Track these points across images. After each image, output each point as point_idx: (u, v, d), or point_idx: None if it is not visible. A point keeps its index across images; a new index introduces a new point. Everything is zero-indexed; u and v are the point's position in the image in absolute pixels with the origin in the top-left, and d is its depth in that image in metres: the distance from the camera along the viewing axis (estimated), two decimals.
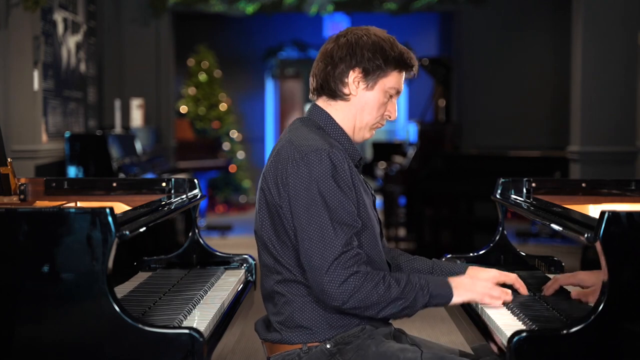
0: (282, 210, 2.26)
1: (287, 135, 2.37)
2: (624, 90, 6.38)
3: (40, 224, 2.08)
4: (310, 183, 2.21)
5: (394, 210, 8.26)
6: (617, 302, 2.01)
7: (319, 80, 2.41)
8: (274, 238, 2.31)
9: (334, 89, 2.38)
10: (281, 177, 2.26)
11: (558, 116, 9.65)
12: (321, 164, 2.22)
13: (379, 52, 2.36)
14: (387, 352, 2.26)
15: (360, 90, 2.38)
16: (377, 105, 2.39)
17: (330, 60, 2.38)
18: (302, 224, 2.21)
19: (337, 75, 2.37)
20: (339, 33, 2.44)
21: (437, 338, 4.83)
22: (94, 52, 7.70)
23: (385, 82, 2.38)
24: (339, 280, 2.17)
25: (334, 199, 2.21)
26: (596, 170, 6.33)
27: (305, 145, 2.27)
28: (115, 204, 2.48)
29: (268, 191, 2.30)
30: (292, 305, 2.31)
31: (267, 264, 2.36)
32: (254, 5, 9.44)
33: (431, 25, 12.32)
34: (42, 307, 2.07)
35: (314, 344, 2.30)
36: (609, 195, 3.01)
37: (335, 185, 2.22)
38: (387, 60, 2.36)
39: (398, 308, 2.22)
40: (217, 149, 10.45)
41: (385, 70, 2.37)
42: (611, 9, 6.37)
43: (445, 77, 8.92)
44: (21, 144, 5.70)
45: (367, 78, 2.37)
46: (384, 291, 2.19)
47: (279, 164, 2.28)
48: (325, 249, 2.18)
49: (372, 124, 2.41)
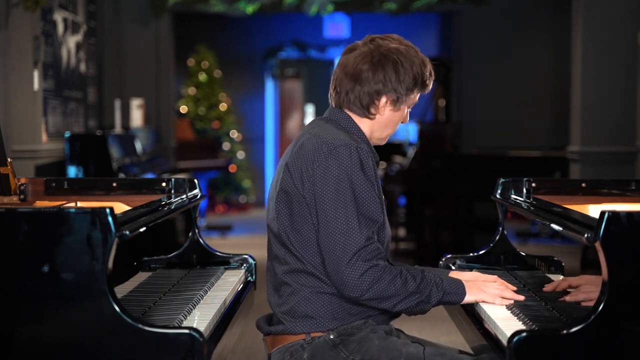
0: (306, 200, 2.30)
1: (311, 130, 2.39)
2: (624, 90, 6.38)
3: (40, 224, 2.08)
4: (340, 176, 2.26)
5: (394, 210, 8.26)
6: (617, 302, 2.01)
7: (342, 95, 2.42)
8: (289, 228, 2.33)
9: (359, 107, 2.41)
10: (307, 168, 2.30)
11: (558, 116, 9.64)
12: (351, 158, 2.27)
13: (412, 79, 2.38)
14: (389, 345, 2.30)
15: (387, 111, 2.42)
16: (399, 120, 2.46)
17: (358, 79, 2.38)
18: (329, 215, 2.25)
19: (363, 96, 2.39)
20: (367, 47, 2.40)
21: (437, 338, 4.83)
22: (94, 52, 7.70)
23: (409, 101, 2.43)
24: (359, 272, 2.22)
25: (363, 193, 2.27)
26: (596, 170, 6.32)
27: (333, 139, 2.31)
28: (115, 204, 2.48)
29: (290, 181, 2.32)
30: (297, 295, 2.34)
31: (278, 254, 2.39)
32: (254, 5, 9.43)
33: (431, 25, 12.32)
34: (42, 307, 2.07)
35: (317, 334, 2.32)
36: (609, 195, 3.01)
37: (364, 179, 2.28)
38: (416, 84, 2.41)
39: (414, 302, 2.28)
40: (217, 149, 10.44)
41: (413, 91, 2.42)
42: (611, 9, 6.37)
43: (445, 77, 8.92)
44: (21, 144, 5.70)
45: (397, 103, 2.41)
46: (401, 285, 2.25)
47: (303, 155, 2.32)
48: (349, 241, 2.23)
49: (390, 134, 2.50)
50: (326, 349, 2.30)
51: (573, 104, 6.70)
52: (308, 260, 2.32)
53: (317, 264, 2.32)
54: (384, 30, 2.70)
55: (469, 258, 2.95)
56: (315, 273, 2.32)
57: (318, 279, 2.32)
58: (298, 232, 2.32)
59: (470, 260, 2.94)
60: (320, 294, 2.33)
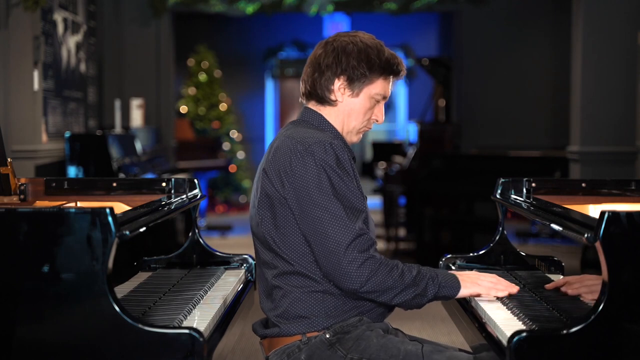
0: (287, 201, 2.31)
1: (285, 133, 2.42)
2: (624, 90, 6.37)
3: (40, 224, 2.08)
4: (318, 172, 2.28)
5: (394, 210, 8.26)
6: (617, 302, 2.01)
7: (307, 86, 2.47)
8: (274, 231, 2.34)
9: (321, 95, 2.45)
10: (284, 169, 2.32)
11: (558, 116, 9.65)
12: (326, 154, 2.30)
13: (364, 60, 2.41)
14: (387, 343, 2.30)
15: (346, 97, 2.44)
16: (363, 111, 2.45)
17: (318, 67, 2.44)
18: (313, 212, 2.27)
19: (323, 82, 2.43)
20: (327, 39, 2.49)
21: (437, 338, 4.83)
22: (94, 52, 7.70)
23: (371, 88, 2.44)
24: (357, 263, 2.24)
25: (343, 185, 2.29)
26: (596, 170, 6.32)
27: (307, 138, 2.34)
28: (115, 204, 2.48)
29: (270, 184, 2.34)
30: (289, 297, 2.35)
31: (266, 260, 2.40)
32: (254, 5, 9.43)
33: (431, 25, 12.32)
34: (42, 307, 2.07)
35: (313, 334, 2.33)
36: (609, 195, 3.01)
37: (342, 172, 2.30)
38: (372, 68, 2.42)
39: (410, 295, 2.28)
40: (217, 149, 10.44)
41: (370, 77, 2.42)
42: (611, 9, 6.36)
43: (445, 77, 8.92)
44: (21, 144, 5.70)
45: (352, 86, 2.43)
46: (398, 277, 2.26)
47: (280, 157, 2.34)
48: (340, 233, 2.25)
49: (358, 128, 2.48)
50: (323, 349, 2.30)
51: (573, 104, 6.70)
52: (296, 261, 2.33)
53: (306, 263, 2.33)
54: (384, 30, 2.71)
55: (469, 258, 2.95)
56: (305, 273, 2.33)
57: (309, 278, 2.33)
58: (283, 234, 2.33)
59: (470, 260, 2.94)
60: (312, 292, 2.33)
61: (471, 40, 10.10)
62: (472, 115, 10.03)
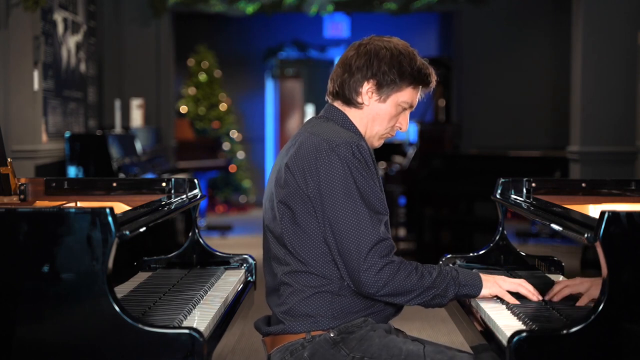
0: (311, 199, 2.30)
1: (309, 129, 2.41)
2: (624, 90, 6.37)
3: (40, 224, 2.08)
4: (345, 173, 2.27)
5: (393, 210, 8.25)
6: (617, 302, 2.01)
7: (335, 86, 2.46)
8: (291, 228, 2.34)
9: (348, 97, 2.44)
10: (309, 167, 2.30)
11: (558, 116, 9.64)
12: (353, 155, 2.29)
13: (396, 66, 2.40)
14: (389, 343, 2.31)
15: (373, 101, 2.43)
16: (388, 117, 2.44)
17: (348, 68, 2.43)
18: (338, 212, 2.26)
19: (352, 84, 2.42)
20: (362, 41, 2.47)
21: (437, 338, 4.83)
22: (94, 52, 7.70)
23: (399, 96, 2.43)
24: (376, 269, 2.24)
25: (368, 188, 2.29)
26: (596, 170, 6.32)
27: (333, 137, 2.32)
28: (115, 204, 2.48)
29: (293, 181, 2.32)
30: (298, 295, 2.34)
31: (278, 255, 2.39)
32: (254, 5, 9.43)
33: (431, 25, 12.32)
34: (42, 307, 2.06)
35: (318, 333, 2.33)
36: (609, 195, 3.01)
37: (368, 175, 2.30)
38: (402, 76, 2.41)
39: (429, 296, 2.29)
40: (217, 149, 10.44)
41: (400, 85, 2.42)
42: (611, 9, 6.36)
43: (445, 77, 8.92)
44: (21, 144, 5.70)
45: (380, 91, 2.42)
46: (417, 280, 2.27)
47: (304, 154, 2.32)
48: (362, 237, 2.25)
49: (381, 133, 2.47)
50: (327, 347, 2.30)
51: (573, 104, 6.70)
52: (311, 261, 2.32)
53: (322, 263, 2.32)
54: (384, 30, 2.71)
55: (469, 258, 2.95)
56: (318, 272, 2.33)
57: (321, 278, 2.33)
58: (302, 232, 2.32)
59: (470, 260, 2.94)
60: (322, 293, 2.33)
61: (471, 40, 10.09)
62: (472, 115, 10.02)
